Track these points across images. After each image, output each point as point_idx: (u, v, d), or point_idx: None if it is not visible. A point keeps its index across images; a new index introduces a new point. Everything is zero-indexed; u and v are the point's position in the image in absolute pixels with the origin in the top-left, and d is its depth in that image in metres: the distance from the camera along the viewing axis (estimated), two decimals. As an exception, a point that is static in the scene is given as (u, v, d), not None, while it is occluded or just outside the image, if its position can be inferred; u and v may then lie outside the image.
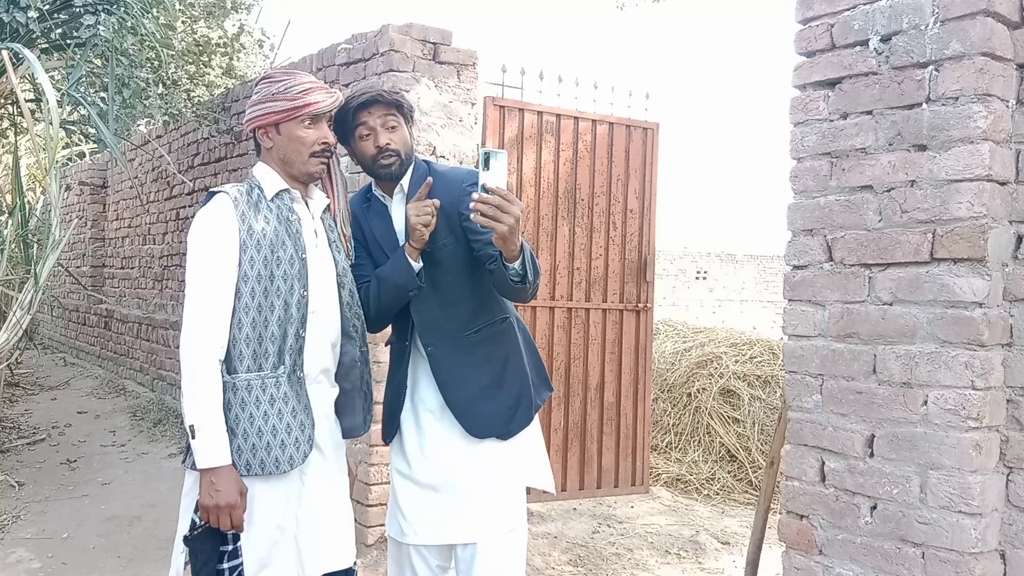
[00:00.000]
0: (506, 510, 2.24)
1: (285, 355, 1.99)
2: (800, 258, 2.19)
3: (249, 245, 1.97)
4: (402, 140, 2.21)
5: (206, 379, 1.91)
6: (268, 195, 2.05)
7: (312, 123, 2.06)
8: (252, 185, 2.07)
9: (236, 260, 1.96)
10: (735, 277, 28.92)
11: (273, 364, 1.99)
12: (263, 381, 1.97)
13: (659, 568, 3.91)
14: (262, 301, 1.98)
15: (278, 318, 1.99)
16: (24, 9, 4.64)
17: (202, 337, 1.92)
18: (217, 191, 2.04)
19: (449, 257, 2.21)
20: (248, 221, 1.98)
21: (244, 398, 1.95)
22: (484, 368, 2.24)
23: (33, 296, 4.50)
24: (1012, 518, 1.91)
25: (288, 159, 2.07)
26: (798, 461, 2.17)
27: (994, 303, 1.88)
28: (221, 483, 1.89)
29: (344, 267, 2.17)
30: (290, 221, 2.05)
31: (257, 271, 1.98)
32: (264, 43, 7.12)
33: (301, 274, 2.03)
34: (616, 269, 4.96)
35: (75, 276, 9.40)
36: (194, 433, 1.90)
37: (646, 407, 5.08)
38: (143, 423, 6.25)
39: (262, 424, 1.95)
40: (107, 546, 3.98)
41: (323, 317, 2.09)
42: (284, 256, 2.01)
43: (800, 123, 2.20)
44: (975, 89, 1.86)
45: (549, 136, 4.71)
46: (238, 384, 1.96)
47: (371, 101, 2.18)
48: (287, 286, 2.00)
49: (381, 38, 3.96)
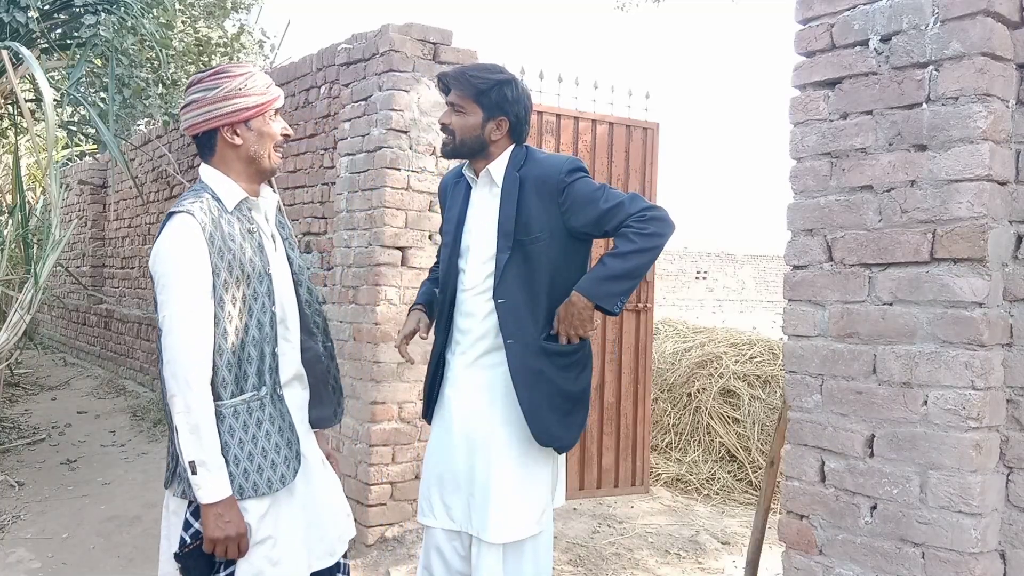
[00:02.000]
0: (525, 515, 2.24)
1: (265, 375, 1.97)
2: (800, 258, 2.19)
3: (220, 269, 1.91)
4: (460, 125, 2.27)
5: (205, 413, 1.87)
6: (228, 207, 1.98)
7: (275, 116, 2.05)
8: (207, 196, 1.97)
9: (211, 286, 1.90)
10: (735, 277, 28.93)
11: (254, 385, 1.95)
12: (248, 405, 1.94)
13: (659, 568, 3.91)
14: (238, 324, 1.94)
15: (253, 339, 1.96)
16: (24, 9, 4.64)
17: (195, 371, 1.86)
18: (178, 211, 1.93)
19: (540, 251, 2.23)
20: (217, 244, 1.91)
21: (232, 424, 1.91)
22: (559, 377, 2.25)
23: (33, 296, 4.50)
24: (1012, 518, 1.91)
25: (257, 155, 2.01)
26: (798, 461, 2.17)
27: (994, 303, 1.88)
28: (228, 514, 1.87)
29: (299, 264, 2.15)
30: (251, 234, 2.00)
31: (231, 294, 1.93)
32: (264, 43, 7.13)
33: (269, 290, 1.99)
34: (616, 269, 4.96)
35: (75, 276, 9.40)
36: (195, 469, 1.85)
37: (646, 407, 5.09)
38: (143, 423, 6.25)
39: (252, 448, 1.93)
40: (107, 546, 3.98)
41: (289, 324, 2.07)
42: (253, 275, 1.96)
43: (800, 123, 2.20)
44: (975, 89, 1.86)
45: (549, 136, 4.71)
46: (224, 411, 1.91)
47: (452, 80, 2.28)
48: (258, 305, 1.97)
49: (381, 38, 3.95)
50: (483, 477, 2.23)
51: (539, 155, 2.33)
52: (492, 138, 2.28)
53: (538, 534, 2.27)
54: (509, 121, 2.29)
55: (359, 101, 4.10)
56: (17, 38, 4.80)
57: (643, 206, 2.22)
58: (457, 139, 2.28)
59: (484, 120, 2.27)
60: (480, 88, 2.25)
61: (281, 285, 2.05)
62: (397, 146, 3.90)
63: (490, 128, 2.27)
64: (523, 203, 2.23)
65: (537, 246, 2.22)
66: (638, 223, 2.20)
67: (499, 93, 2.26)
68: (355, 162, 4.09)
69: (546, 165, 2.28)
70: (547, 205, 2.22)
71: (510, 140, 2.33)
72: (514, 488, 2.23)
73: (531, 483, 2.26)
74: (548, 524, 2.33)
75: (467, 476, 2.26)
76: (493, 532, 2.20)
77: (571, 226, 2.25)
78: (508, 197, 2.25)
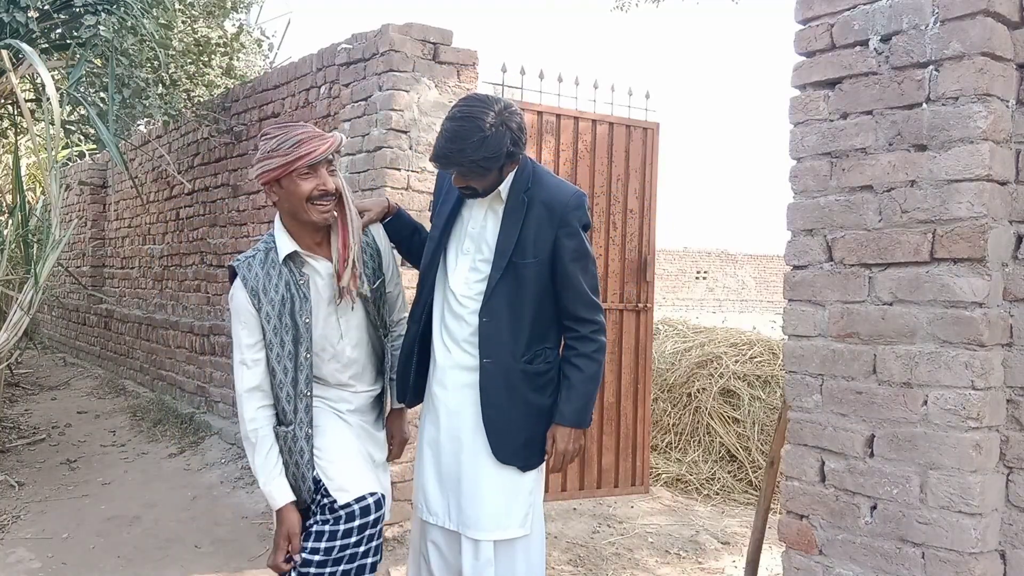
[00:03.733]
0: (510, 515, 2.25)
1: (300, 412, 2.23)
2: (800, 258, 2.19)
3: (272, 316, 2.19)
4: (481, 184, 2.25)
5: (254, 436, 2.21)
6: (280, 257, 2.21)
7: (310, 172, 2.13)
8: (269, 248, 2.24)
9: (258, 336, 2.20)
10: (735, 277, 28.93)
11: (286, 420, 2.23)
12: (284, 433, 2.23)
13: (659, 568, 3.91)
14: (275, 365, 2.20)
15: (279, 382, 2.21)
16: (24, 9, 4.64)
17: (244, 405, 2.21)
18: (235, 267, 2.23)
19: (531, 275, 2.25)
20: (258, 296, 2.19)
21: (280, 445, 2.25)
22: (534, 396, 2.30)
23: (33, 296, 4.50)
24: (1012, 518, 1.91)
25: (293, 210, 2.18)
26: (798, 461, 2.17)
27: (994, 303, 1.88)
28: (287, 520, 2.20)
29: (375, 313, 2.36)
30: (299, 285, 2.21)
31: (268, 339, 2.19)
32: (264, 43, 7.12)
33: (304, 338, 2.21)
34: (616, 269, 4.96)
35: (75, 276, 9.40)
36: (258, 482, 2.23)
37: (646, 407, 5.09)
38: (143, 423, 6.25)
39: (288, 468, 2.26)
40: (107, 546, 3.98)
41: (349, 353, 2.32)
42: (290, 322, 2.20)
43: (800, 123, 2.20)
44: (975, 89, 1.86)
45: (549, 136, 4.71)
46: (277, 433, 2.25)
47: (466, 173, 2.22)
48: (293, 349, 2.20)
49: (381, 38, 3.96)
50: (469, 476, 2.26)
51: (547, 178, 2.32)
52: (506, 174, 2.29)
53: (529, 535, 2.28)
54: (517, 154, 2.27)
55: (359, 101, 4.10)
56: (17, 38, 4.79)
57: (600, 317, 2.34)
58: (481, 191, 2.28)
59: (498, 173, 2.26)
60: (486, 167, 2.19)
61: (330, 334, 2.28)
62: (397, 146, 3.90)
63: (505, 171, 2.28)
64: (525, 227, 2.25)
65: (529, 269, 2.25)
66: (598, 337, 2.33)
67: (501, 152, 2.19)
68: (355, 162, 4.09)
69: (554, 192, 2.29)
70: (546, 232, 2.25)
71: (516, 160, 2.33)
72: (499, 488, 2.25)
73: (516, 484, 2.27)
74: (539, 526, 2.34)
75: (455, 475, 2.28)
76: (477, 530, 2.23)
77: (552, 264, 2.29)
78: (512, 219, 2.26)
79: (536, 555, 2.33)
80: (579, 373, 2.29)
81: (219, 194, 6.13)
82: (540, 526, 2.36)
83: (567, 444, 2.30)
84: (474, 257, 2.31)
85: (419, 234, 2.53)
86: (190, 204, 6.72)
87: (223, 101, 6.03)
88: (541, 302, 2.27)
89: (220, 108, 5.99)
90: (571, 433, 2.30)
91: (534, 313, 2.27)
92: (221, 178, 6.12)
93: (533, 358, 2.29)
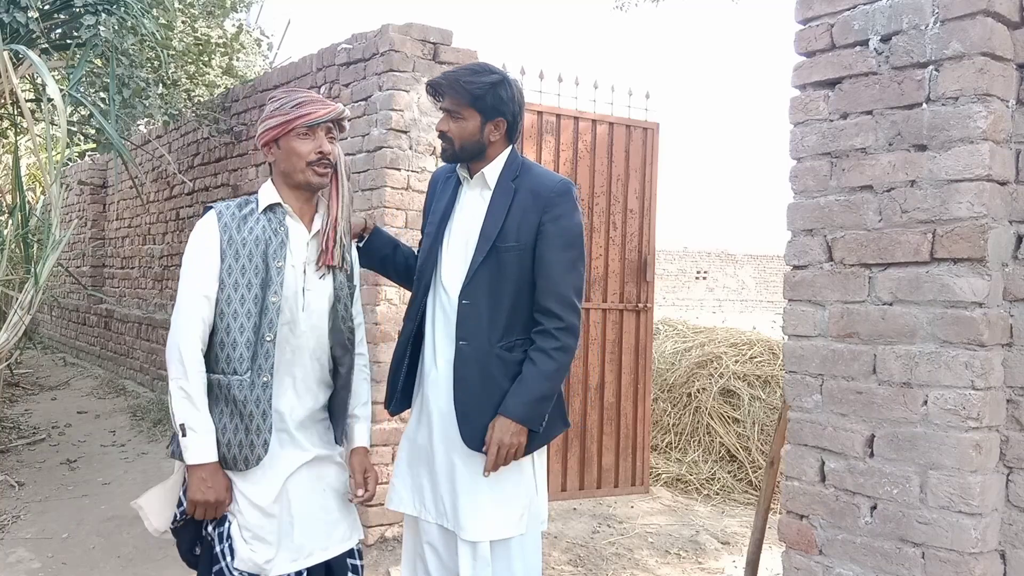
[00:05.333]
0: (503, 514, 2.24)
1: (254, 359, 2.09)
2: (800, 258, 2.19)
3: (228, 255, 2.09)
4: (459, 132, 2.27)
5: (198, 379, 2.05)
6: (260, 208, 2.16)
7: (308, 133, 2.13)
8: (249, 199, 2.20)
9: (216, 269, 2.09)
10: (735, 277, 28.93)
11: (236, 368, 2.08)
12: (229, 381, 2.08)
13: (659, 568, 3.91)
14: (237, 308, 2.09)
15: (240, 326, 2.09)
16: (24, 9, 4.64)
17: (189, 343, 2.05)
18: (210, 206, 2.18)
19: (513, 260, 2.24)
20: (229, 232, 2.11)
21: (215, 395, 2.08)
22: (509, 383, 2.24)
23: (33, 296, 4.50)
24: (1012, 518, 1.91)
25: (287, 171, 2.16)
26: (798, 461, 2.17)
27: (994, 303, 1.88)
28: (211, 479, 2.03)
29: (342, 281, 2.24)
30: (276, 232, 2.14)
31: (234, 279, 2.09)
32: (264, 43, 7.12)
33: (275, 282, 2.11)
34: (616, 269, 4.96)
35: (75, 276, 9.40)
36: (185, 431, 2.03)
37: (646, 407, 5.09)
38: (143, 423, 6.25)
39: (220, 422, 2.07)
40: (107, 546, 3.98)
41: (306, 327, 2.17)
42: (261, 265, 2.10)
43: (800, 123, 2.20)
44: (975, 89, 1.86)
45: (549, 136, 4.71)
46: (211, 382, 2.09)
47: (446, 88, 2.27)
48: (252, 294, 2.10)
49: (381, 38, 3.96)
50: (464, 476, 2.25)
51: (535, 168, 2.35)
52: (491, 139, 2.29)
53: (525, 534, 2.27)
54: (506, 121, 2.29)
55: (359, 101, 4.11)
56: (17, 38, 4.79)
57: (573, 319, 2.23)
58: (456, 145, 2.28)
59: (482, 124, 2.27)
60: (476, 93, 2.24)
61: (300, 284, 2.16)
62: (397, 146, 3.90)
63: (488, 130, 2.28)
64: (511, 213, 2.25)
65: (511, 254, 2.24)
66: (563, 337, 2.21)
67: (495, 95, 2.26)
68: (355, 162, 4.09)
69: (541, 179, 2.30)
70: (530, 218, 2.24)
71: (506, 141, 2.34)
72: (494, 488, 2.23)
73: (508, 483, 2.26)
74: (534, 525, 2.32)
75: (448, 474, 2.27)
76: (473, 531, 2.21)
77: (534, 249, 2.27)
78: (498, 205, 2.27)
79: (532, 554, 2.32)
80: (532, 367, 2.21)
81: (219, 194, 6.13)
82: (536, 525, 2.35)
83: (503, 436, 2.18)
84: (464, 249, 2.31)
85: (400, 249, 2.50)
86: (190, 204, 6.72)
87: (223, 101, 6.03)
88: (522, 289, 2.25)
89: (220, 108, 5.99)
90: (510, 426, 2.18)
91: (514, 299, 2.24)
92: (221, 178, 6.12)
93: (512, 346, 2.25)
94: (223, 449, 2.06)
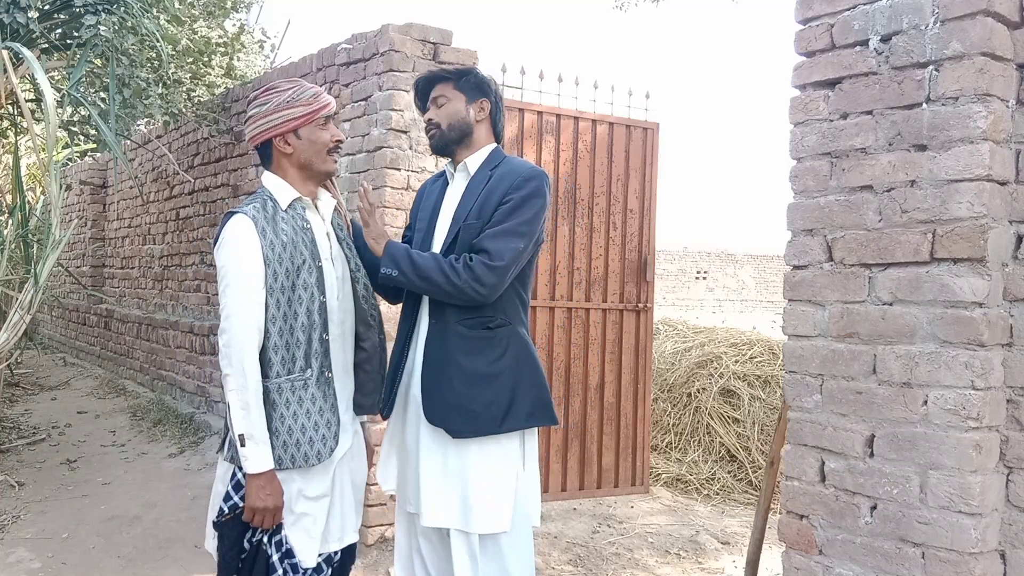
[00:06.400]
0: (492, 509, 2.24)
1: (311, 358, 2.16)
2: (800, 258, 2.19)
3: (271, 260, 2.12)
4: (445, 114, 2.36)
5: (254, 391, 2.08)
6: (283, 205, 2.20)
7: (325, 123, 2.24)
8: (265, 198, 2.20)
9: (262, 275, 2.12)
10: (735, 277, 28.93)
11: (300, 368, 2.15)
12: (292, 384, 2.14)
13: (659, 568, 3.91)
14: (287, 311, 2.15)
15: (302, 325, 2.15)
16: (24, 9, 4.64)
17: (248, 353, 2.08)
18: (236, 211, 2.17)
19: (471, 237, 2.27)
20: (268, 237, 2.13)
21: (276, 400, 2.12)
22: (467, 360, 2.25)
23: (33, 296, 4.50)
24: (1012, 518, 1.91)
25: (309, 161, 2.23)
26: (798, 461, 2.17)
27: (994, 303, 1.88)
28: (269, 486, 2.07)
29: (356, 262, 2.33)
30: (304, 230, 2.20)
31: (280, 283, 2.14)
32: (264, 43, 7.12)
33: (319, 281, 2.19)
34: (616, 269, 4.96)
35: (75, 276, 9.40)
36: (244, 441, 2.06)
37: (646, 407, 5.09)
38: (143, 423, 6.25)
39: (292, 423, 2.12)
40: (107, 546, 3.98)
41: (341, 316, 2.26)
42: (303, 266, 2.16)
43: (800, 123, 2.20)
44: (975, 89, 1.86)
45: (549, 136, 4.71)
46: (270, 388, 2.12)
47: (430, 79, 2.39)
48: (308, 294, 2.16)
49: (381, 38, 3.96)
50: (455, 471, 2.25)
51: (514, 160, 2.41)
52: (476, 119, 2.37)
53: (514, 529, 2.27)
54: (490, 102, 2.38)
55: (359, 101, 4.11)
56: (17, 38, 4.79)
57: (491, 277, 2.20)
58: (444, 127, 2.36)
59: (467, 103, 2.37)
60: (458, 73, 2.37)
61: (334, 278, 2.25)
62: (397, 146, 3.90)
63: (474, 110, 2.37)
64: (480, 195, 2.31)
65: (472, 230, 2.27)
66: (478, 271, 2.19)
67: (476, 76, 2.38)
68: (355, 162, 4.09)
69: (514, 166, 2.35)
70: (494, 197, 2.29)
71: (491, 133, 2.42)
72: (485, 482, 2.24)
73: (496, 477, 2.26)
74: (525, 521, 2.32)
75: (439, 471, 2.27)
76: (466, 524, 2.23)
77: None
78: (473, 190, 2.34)
79: (524, 548, 2.32)
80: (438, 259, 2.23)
81: (219, 194, 6.14)
82: (526, 521, 2.34)
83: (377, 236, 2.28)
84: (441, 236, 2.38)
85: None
86: (190, 204, 6.72)
87: (223, 101, 6.03)
88: None
89: (220, 108, 5.99)
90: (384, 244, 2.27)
91: None
92: (221, 178, 6.12)
93: (472, 323, 2.27)
94: (292, 449, 2.10)
